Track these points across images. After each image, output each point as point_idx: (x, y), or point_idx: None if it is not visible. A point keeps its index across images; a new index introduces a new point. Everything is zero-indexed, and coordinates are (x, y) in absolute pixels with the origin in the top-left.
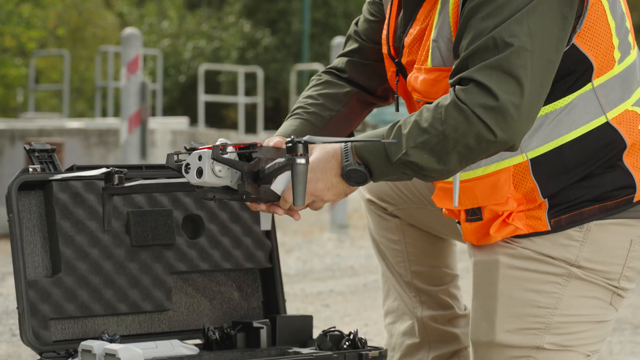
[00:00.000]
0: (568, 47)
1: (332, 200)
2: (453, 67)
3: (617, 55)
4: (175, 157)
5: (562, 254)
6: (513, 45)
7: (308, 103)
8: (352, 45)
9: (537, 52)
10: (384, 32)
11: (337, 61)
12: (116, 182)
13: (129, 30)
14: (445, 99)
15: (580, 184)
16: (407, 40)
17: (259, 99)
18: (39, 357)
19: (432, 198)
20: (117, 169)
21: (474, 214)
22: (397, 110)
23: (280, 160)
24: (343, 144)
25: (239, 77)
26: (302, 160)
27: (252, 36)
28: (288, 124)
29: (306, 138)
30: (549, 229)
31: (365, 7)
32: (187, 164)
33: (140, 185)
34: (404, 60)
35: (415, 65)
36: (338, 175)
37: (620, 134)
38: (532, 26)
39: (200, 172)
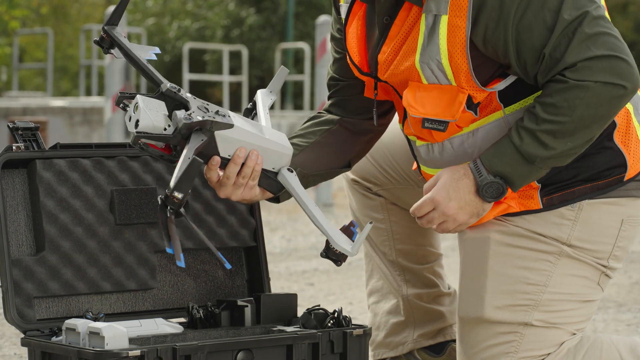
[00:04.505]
0: None
1: (465, 223)
2: (540, 67)
3: None
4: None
5: (554, 233)
6: (587, 12)
7: (291, 135)
8: (331, 89)
9: (600, 8)
10: (347, 57)
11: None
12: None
13: (113, 8)
14: (560, 84)
15: (573, 165)
16: (381, 57)
17: (243, 78)
18: (22, 335)
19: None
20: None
21: None
22: (375, 123)
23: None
24: (471, 163)
25: (224, 56)
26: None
27: (237, 15)
28: None
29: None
30: (541, 207)
31: (330, 48)
32: (127, 105)
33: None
34: (381, 75)
35: (409, 82)
36: (473, 193)
37: None
38: None
39: (136, 107)
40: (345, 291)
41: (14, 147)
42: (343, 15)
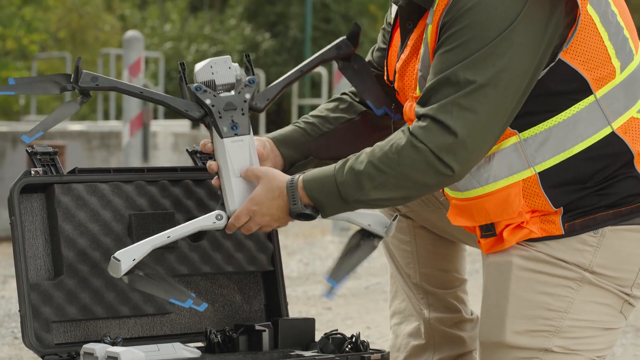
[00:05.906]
0: (554, 63)
1: (280, 226)
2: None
3: (616, 63)
4: None
5: (575, 259)
6: (475, 83)
7: (311, 114)
8: None
9: (501, 87)
10: (385, 60)
11: None
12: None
13: (130, 33)
14: (400, 138)
15: (595, 192)
16: (398, 65)
17: None
18: (40, 359)
19: (447, 216)
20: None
21: (487, 230)
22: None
23: None
24: (288, 183)
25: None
26: None
27: (253, 39)
28: (283, 129)
29: None
30: (563, 233)
31: (379, 35)
32: None
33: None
34: (396, 85)
35: (409, 94)
36: (285, 213)
37: (626, 143)
38: (498, 63)
39: None
40: (363, 315)
41: (32, 172)
42: (392, 16)
